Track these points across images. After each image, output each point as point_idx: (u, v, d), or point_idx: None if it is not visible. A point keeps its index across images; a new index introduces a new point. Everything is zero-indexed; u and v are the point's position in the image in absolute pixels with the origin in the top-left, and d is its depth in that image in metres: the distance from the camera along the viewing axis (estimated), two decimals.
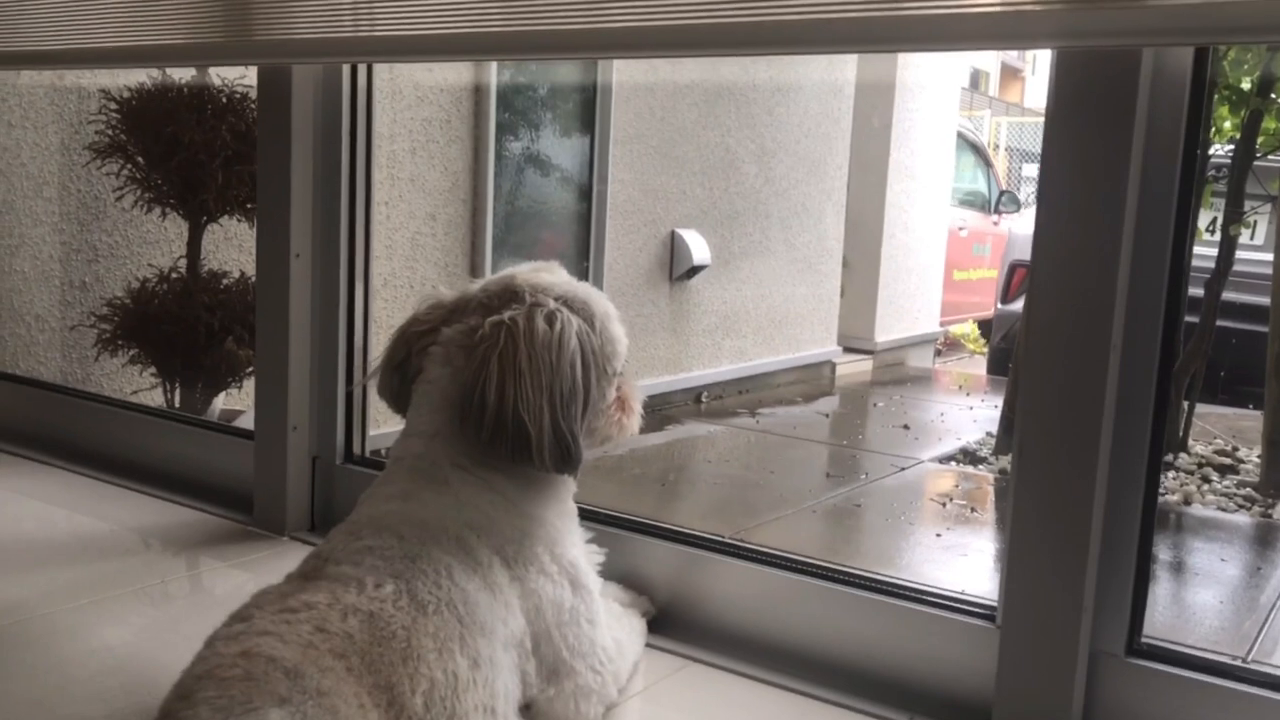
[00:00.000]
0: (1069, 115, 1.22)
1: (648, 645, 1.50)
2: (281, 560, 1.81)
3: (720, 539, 1.61)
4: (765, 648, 1.50)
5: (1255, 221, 5.67)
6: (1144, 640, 1.27)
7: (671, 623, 1.57)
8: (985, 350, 8.28)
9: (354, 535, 1.18)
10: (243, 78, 2.82)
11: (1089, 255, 1.22)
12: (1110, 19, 1.07)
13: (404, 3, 1.65)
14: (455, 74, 4.12)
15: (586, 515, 1.43)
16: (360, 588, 1.09)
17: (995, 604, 1.34)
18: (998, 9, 1.19)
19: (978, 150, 9.37)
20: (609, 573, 1.45)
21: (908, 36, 1.23)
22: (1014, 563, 1.29)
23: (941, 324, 8.22)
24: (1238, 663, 1.26)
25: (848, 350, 6.97)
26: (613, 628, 1.35)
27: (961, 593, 1.40)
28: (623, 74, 5.05)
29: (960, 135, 8.55)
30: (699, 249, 5.45)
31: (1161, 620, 2.82)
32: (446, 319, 1.29)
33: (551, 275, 1.32)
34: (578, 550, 1.32)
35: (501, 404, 1.19)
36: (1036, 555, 1.27)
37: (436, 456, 1.25)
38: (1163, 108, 1.20)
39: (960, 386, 7.10)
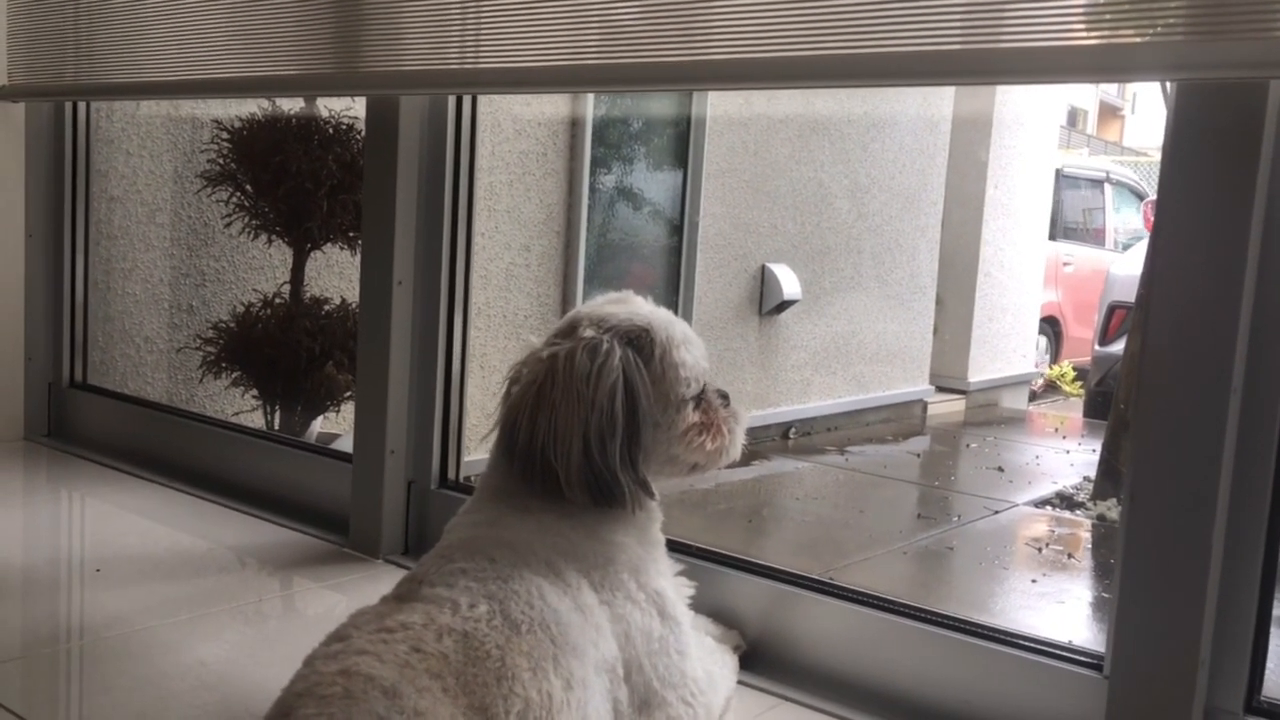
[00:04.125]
0: (1189, 151, 1.19)
1: (739, 682, 1.48)
2: (375, 583, 1.83)
3: (811, 577, 1.59)
4: (859, 689, 1.47)
5: None
6: (1264, 699, 1.21)
7: (763, 660, 1.55)
8: (1081, 393, 8.07)
9: (446, 559, 1.19)
10: (349, 109, 2.90)
11: (1210, 296, 1.18)
12: (1235, 51, 1.04)
13: (509, 35, 1.68)
14: (553, 107, 4.18)
15: (675, 548, 1.42)
16: (455, 608, 1.10)
17: (1102, 653, 1.29)
18: (1107, 42, 1.17)
19: (1136, 193, 9.18)
20: (699, 606, 1.44)
21: (1012, 70, 1.21)
22: (1124, 610, 1.24)
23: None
24: None
25: (940, 389, 6.85)
26: (704, 660, 1.33)
27: (1069, 643, 1.35)
28: (717, 108, 5.07)
29: (1116, 178, 8.47)
30: (789, 283, 5.42)
31: (1276, 678, 2.69)
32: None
33: (618, 306, 1.31)
34: (665, 581, 1.30)
35: (532, 438, 1.20)
36: (1149, 604, 1.22)
37: (516, 485, 1.25)
38: None
39: (1056, 429, 6.93)
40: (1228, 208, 1.17)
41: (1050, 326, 8.74)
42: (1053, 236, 8.88)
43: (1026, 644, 1.37)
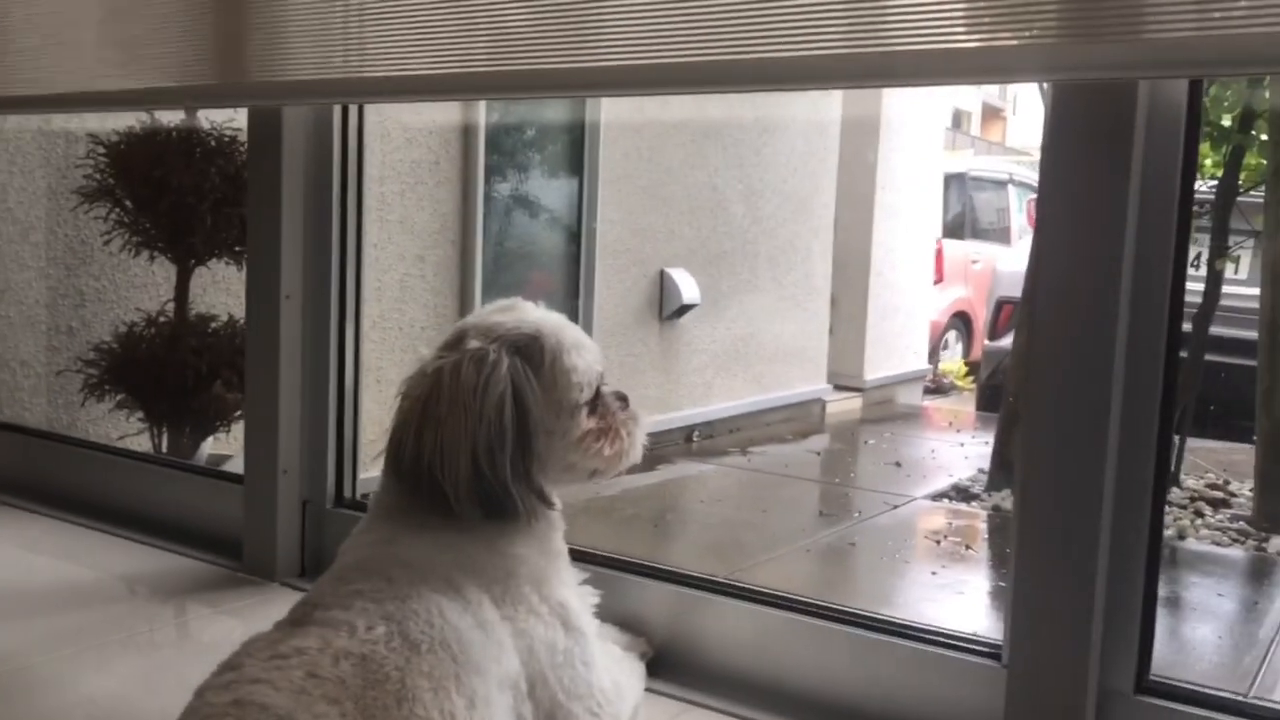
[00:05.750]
0: (1067, 149, 1.22)
1: (647, 689, 1.47)
2: (271, 606, 1.78)
3: (716, 579, 1.59)
4: (766, 690, 1.48)
5: (1239, 256, 5.71)
6: (1153, 677, 1.25)
7: (670, 665, 1.55)
8: (974, 387, 8.29)
9: (342, 580, 1.16)
10: (231, 120, 2.82)
11: (1089, 289, 1.21)
12: (1107, 53, 1.07)
13: (394, 44, 1.65)
14: (444, 115, 4.13)
15: (580, 556, 1.41)
16: (351, 631, 1.07)
17: (1000, 643, 1.32)
18: (987, 45, 1.19)
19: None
20: (604, 614, 1.42)
21: (897, 73, 1.23)
22: (1019, 601, 1.27)
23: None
24: (1245, 699, 1.24)
25: (838, 388, 6.96)
26: (611, 670, 1.32)
27: (973, 635, 1.38)
28: (610, 113, 5.07)
29: (1019, 179, 8.76)
30: (688, 288, 5.45)
31: (1161, 657, 2.79)
32: None
33: (506, 314, 1.28)
34: (569, 591, 1.29)
35: (419, 455, 1.18)
36: (1042, 593, 1.25)
37: (410, 503, 1.23)
38: (1160, 141, 1.20)
39: (950, 423, 7.10)
40: (1105, 203, 1.20)
41: (962, 322, 9.00)
42: (962, 236, 9.18)
43: (927, 636, 1.39)
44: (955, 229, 9.32)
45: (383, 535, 1.23)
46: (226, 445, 3.15)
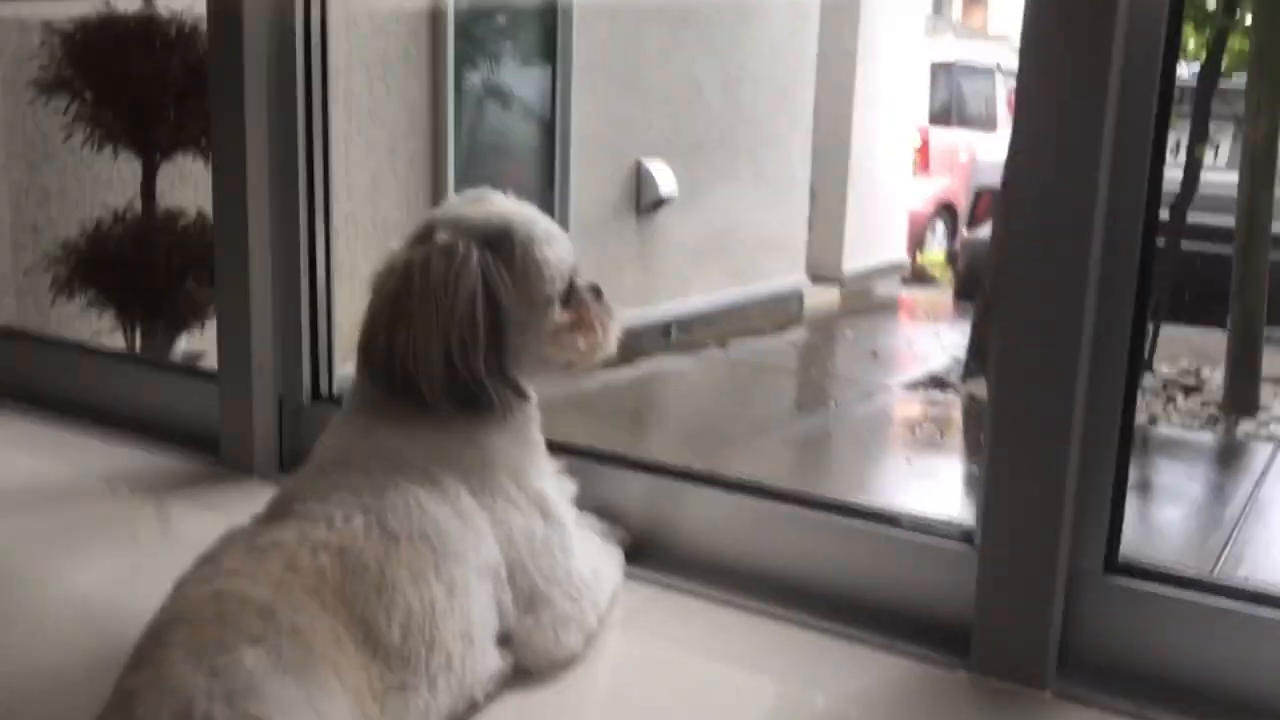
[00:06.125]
0: (1046, 33, 1.19)
1: (626, 576, 1.49)
2: (250, 501, 1.76)
3: (693, 470, 1.60)
4: (742, 574, 1.50)
5: (1219, 143, 5.69)
6: (1121, 558, 1.27)
7: (648, 553, 1.56)
8: (949, 277, 8.31)
9: (319, 473, 1.17)
10: (191, 7, 2.73)
11: (1067, 176, 1.20)
12: None
13: None
14: (411, 4, 4.02)
15: (556, 448, 1.41)
16: (329, 523, 1.07)
17: (973, 527, 1.33)
18: None
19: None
20: (582, 505, 1.44)
21: None
22: (992, 484, 1.28)
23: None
24: (1208, 579, 1.27)
25: (816, 280, 6.97)
26: (589, 557, 1.34)
27: (950, 520, 1.40)
28: None
29: (1006, 68, 8.65)
30: (665, 181, 5.40)
31: (1130, 539, 2.85)
32: None
33: (475, 206, 1.26)
34: (546, 481, 1.30)
35: (391, 351, 1.17)
36: (1014, 477, 1.26)
37: (385, 398, 1.22)
38: (1141, 25, 1.17)
39: (928, 313, 7.13)
40: (1083, 88, 1.18)
41: (948, 212, 8.96)
42: (949, 125, 9.09)
43: (900, 520, 1.41)
44: (942, 117, 9.23)
45: (359, 427, 1.23)
46: (202, 342, 3.13)
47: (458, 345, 1.16)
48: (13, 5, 2.98)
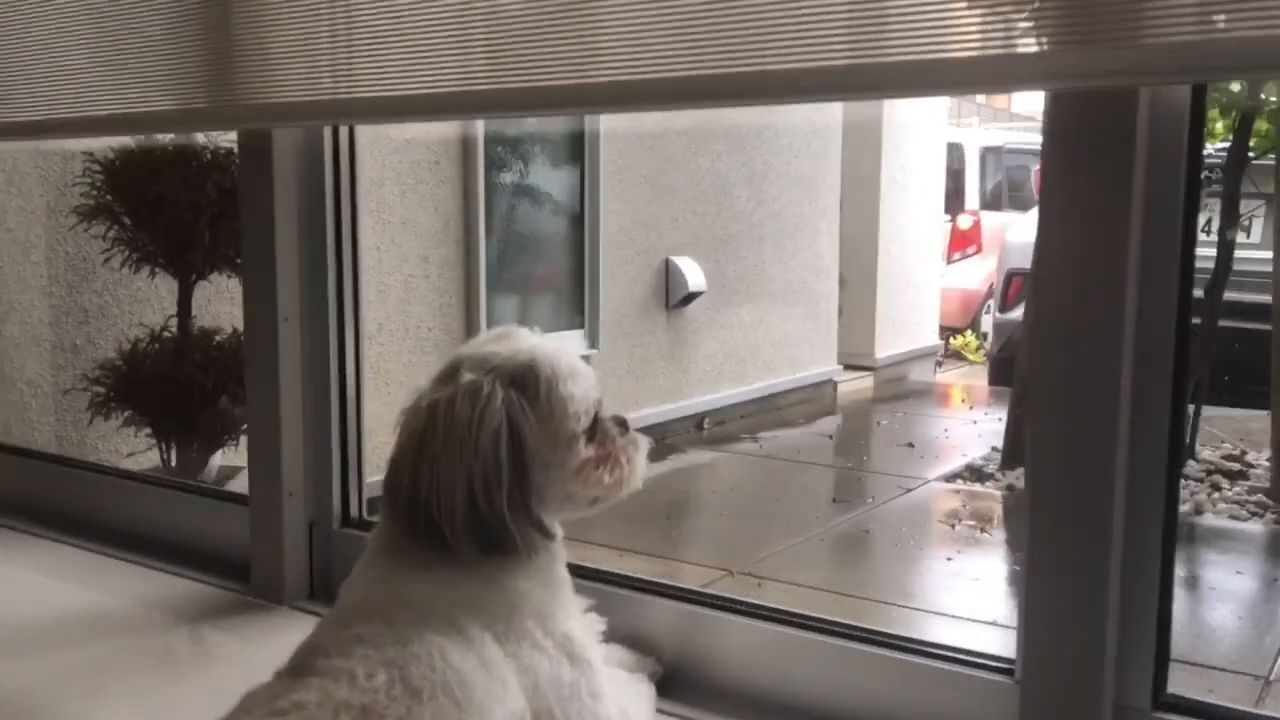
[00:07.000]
0: (1067, 126, 1.20)
1: (657, 710, 1.46)
2: (281, 632, 1.77)
3: (724, 596, 1.58)
4: (776, 707, 1.47)
5: (1250, 221, 5.65)
6: (1170, 693, 1.23)
7: (680, 684, 1.53)
8: (985, 360, 8.26)
9: (342, 624, 1.15)
10: (226, 134, 2.80)
11: (1095, 262, 1.18)
12: (1105, 59, 1.05)
13: (384, 62, 1.62)
14: (440, 127, 4.11)
15: (584, 575, 1.39)
16: (352, 681, 1.06)
17: (1013, 658, 1.30)
18: (988, 53, 1.16)
19: None
20: (612, 634, 1.41)
21: (894, 84, 1.20)
22: (1031, 615, 1.25)
23: None
24: (1260, 712, 1.22)
25: (849, 368, 6.94)
26: (619, 697, 1.31)
27: (987, 653, 1.36)
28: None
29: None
30: (694, 276, 5.43)
31: (1180, 641, 2.78)
32: None
33: (501, 344, 1.26)
34: (573, 622, 1.28)
35: (415, 490, 1.16)
36: (1054, 607, 1.23)
37: (408, 540, 1.21)
38: (1164, 110, 1.17)
39: (963, 400, 7.07)
40: (1109, 173, 1.18)
41: None
42: (1000, 208, 9.30)
43: (939, 653, 1.38)
44: (994, 201, 9.38)
45: (383, 573, 1.22)
46: (237, 458, 3.15)
47: (481, 484, 1.15)
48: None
